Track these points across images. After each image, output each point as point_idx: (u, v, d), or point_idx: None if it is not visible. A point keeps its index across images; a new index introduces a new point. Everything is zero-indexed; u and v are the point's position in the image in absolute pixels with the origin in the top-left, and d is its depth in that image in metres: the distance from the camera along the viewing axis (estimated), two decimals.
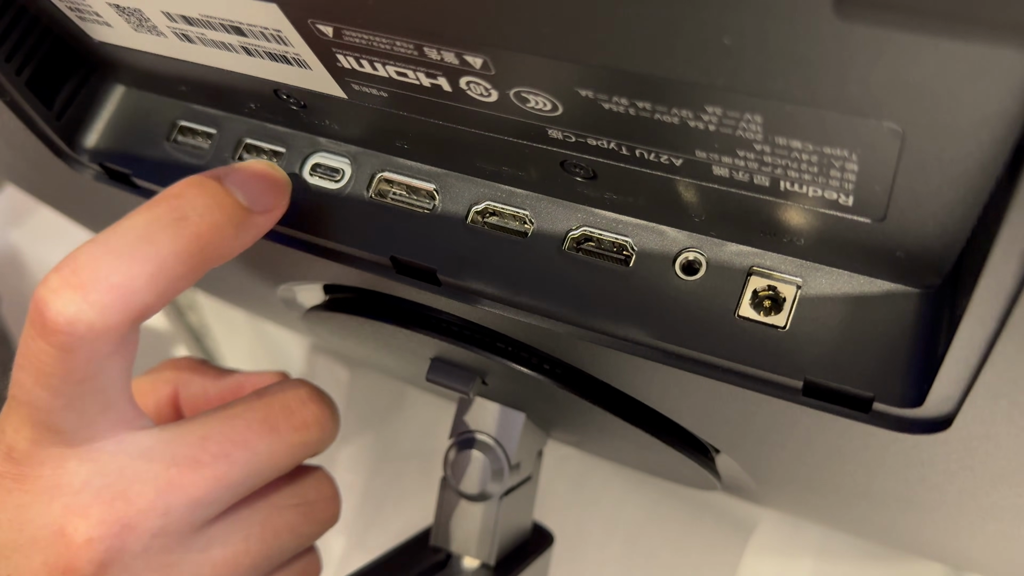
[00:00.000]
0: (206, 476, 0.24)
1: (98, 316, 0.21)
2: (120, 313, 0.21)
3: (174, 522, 0.23)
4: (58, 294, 0.21)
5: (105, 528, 0.23)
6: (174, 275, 0.22)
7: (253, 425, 0.25)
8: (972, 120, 0.14)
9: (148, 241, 0.21)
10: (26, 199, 0.62)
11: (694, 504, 0.46)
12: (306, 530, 0.27)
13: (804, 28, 0.13)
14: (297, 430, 0.26)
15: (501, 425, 0.32)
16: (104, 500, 0.23)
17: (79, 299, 0.21)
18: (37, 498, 0.23)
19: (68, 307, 0.21)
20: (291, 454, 0.26)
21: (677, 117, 0.17)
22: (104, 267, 0.21)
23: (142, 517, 0.23)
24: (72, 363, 0.21)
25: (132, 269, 0.21)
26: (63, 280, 0.21)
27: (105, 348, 0.21)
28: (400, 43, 0.18)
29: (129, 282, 0.21)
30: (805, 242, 0.20)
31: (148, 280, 0.21)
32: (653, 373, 0.23)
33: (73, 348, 0.21)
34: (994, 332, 0.16)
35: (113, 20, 0.23)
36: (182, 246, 0.22)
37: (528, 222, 0.23)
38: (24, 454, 0.23)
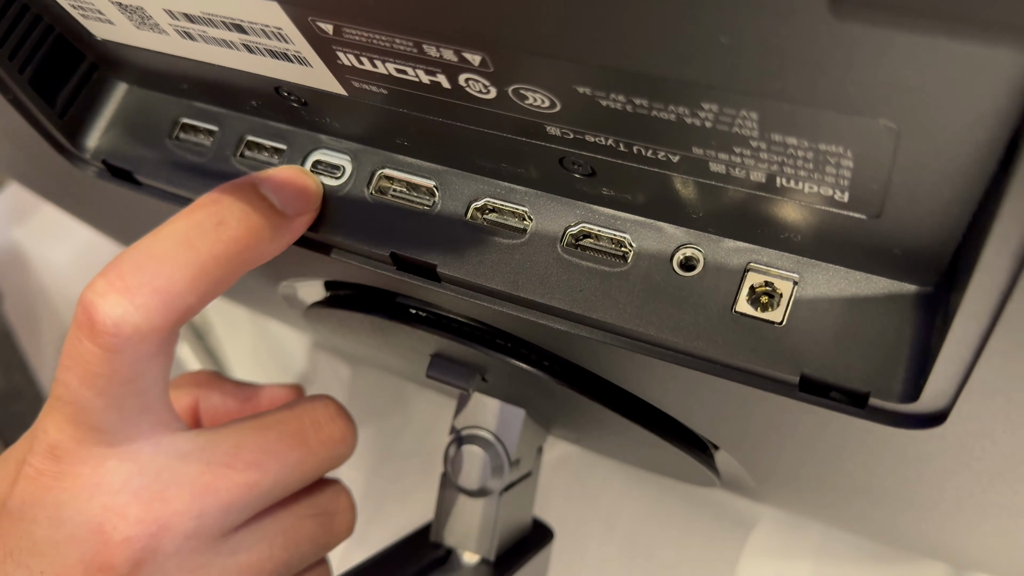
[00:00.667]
0: (239, 482, 0.24)
1: (144, 318, 0.22)
2: (163, 315, 0.22)
3: (207, 525, 0.24)
4: (105, 298, 0.22)
5: (142, 527, 0.23)
6: (214, 278, 0.23)
7: (284, 437, 0.26)
8: (966, 118, 0.14)
9: (188, 246, 0.22)
10: (29, 196, 0.62)
11: (693, 501, 0.46)
12: (324, 540, 0.28)
13: (800, 27, 0.13)
14: (325, 444, 0.27)
15: (501, 421, 0.32)
16: (142, 500, 0.23)
17: (125, 302, 0.22)
18: (76, 496, 0.23)
19: (115, 310, 0.21)
20: (317, 466, 0.27)
21: (674, 114, 0.17)
22: (148, 271, 0.22)
23: (177, 518, 0.23)
24: (118, 364, 0.22)
25: (174, 273, 0.22)
26: (109, 284, 0.22)
27: (149, 349, 0.22)
28: (400, 41, 0.18)
29: (171, 286, 0.22)
30: (802, 238, 0.20)
31: (189, 283, 0.22)
32: (651, 369, 0.23)
33: (120, 349, 0.22)
34: (988, 328, 0.16)
35: (115, 18, 0.23)
36: (221, 250, 0.23)
37: (527, 219, 0.23)
38: (66, 452, 0.23)
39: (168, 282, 0.22)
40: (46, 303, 0.64)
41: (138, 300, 0.22)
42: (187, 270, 0.22)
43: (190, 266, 0.22)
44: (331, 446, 0.27)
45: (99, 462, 0.23)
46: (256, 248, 0.23)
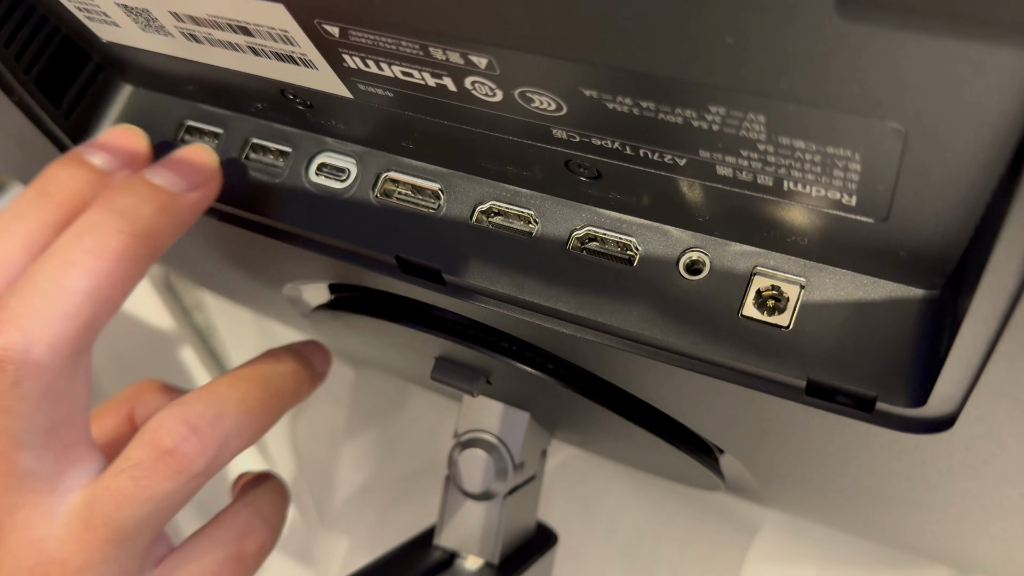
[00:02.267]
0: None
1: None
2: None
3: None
4: None
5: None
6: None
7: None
8: (974, 120, 0.14)
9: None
10: None
11: (698, 504, 0.46)
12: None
13: (807, 28, 0.13)
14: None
15: (505, 424, 0.32)
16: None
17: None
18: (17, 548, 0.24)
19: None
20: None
21: (681, 117, 0.17)
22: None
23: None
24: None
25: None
26: None
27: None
28: (405, 43, 0.18)
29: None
30: (809, 242, 0.20)
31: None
32: (657, 373, 0.23)
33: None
34: (996, 332, 0.16)
35: (121, 20, 0.23)
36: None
37: (533, 222, 0.23)
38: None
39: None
40: None
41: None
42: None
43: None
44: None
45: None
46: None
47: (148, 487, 0.23)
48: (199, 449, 0.23)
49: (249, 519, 0.27)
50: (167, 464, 0.23)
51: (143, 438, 0.23)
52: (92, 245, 0.22)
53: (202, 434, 0.23)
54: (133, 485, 0.23)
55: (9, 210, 0.24)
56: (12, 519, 0.23)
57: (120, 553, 0.23)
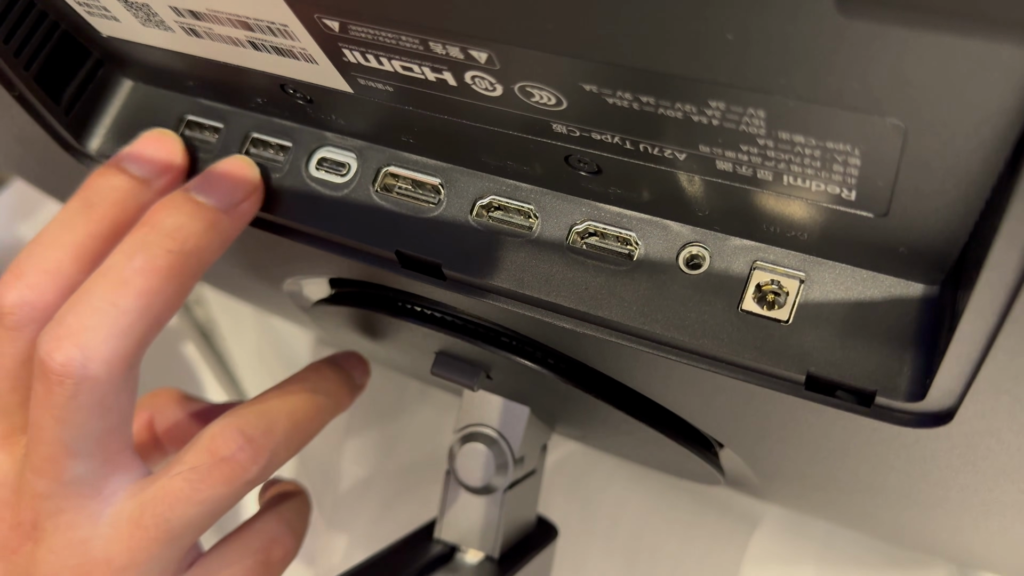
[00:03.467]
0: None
1: (39, 297, 0.24)
2: (54, 292, 0.24)
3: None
4: (2, 285, 0.25)
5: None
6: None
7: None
8: (974, 116, 0.14)
9: (67, 229, 0.25)
10: (34, 193, 0.62)
11: (698, 499, 0.46)
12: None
13: (807, 24, 0.13)
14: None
15: (505, 419, 0.32)
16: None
17: (19, 285, 0.25)
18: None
19: (11, 294, 0.25)
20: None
21: (681, 112, 0.17)
22: (35, 257, 0.25)
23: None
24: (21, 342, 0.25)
25: (57, 254, 0.25)
26: (9, 276, 0.25)
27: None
28: (405, 38, 0.18)
29: (57, 266, 0.24)
30: (808, 237, 0.20)
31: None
32: (657, 367, 0.23)
33: (21, 327, 0.25)
34: (995, 327, 0.16)
35: (121, 15, 0.23)
36: (94, 228, 0.25)
37: (533, 216, 0.23)
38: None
39: (54, 262, 0.25)
40: None
41: (29, 280, 0.24)
42: (67, 249, 0.25)
43: (70, 245, 0.25)
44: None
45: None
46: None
47: (202, 490, 0.24)
48: (252, 458, 0.24)
49: (276, 528, 0.28)
50: (222, 470, 0.24)
51: (201, 444, 0.25)
52: (143, 265, 0.23)
53: (256, 444, 0.25)
54: (188, 487, 0.24)
55: (56, 222, 0.25)
56: (56, 521, 0.24)
57: (165, 553, 0.24)
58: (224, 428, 0.25)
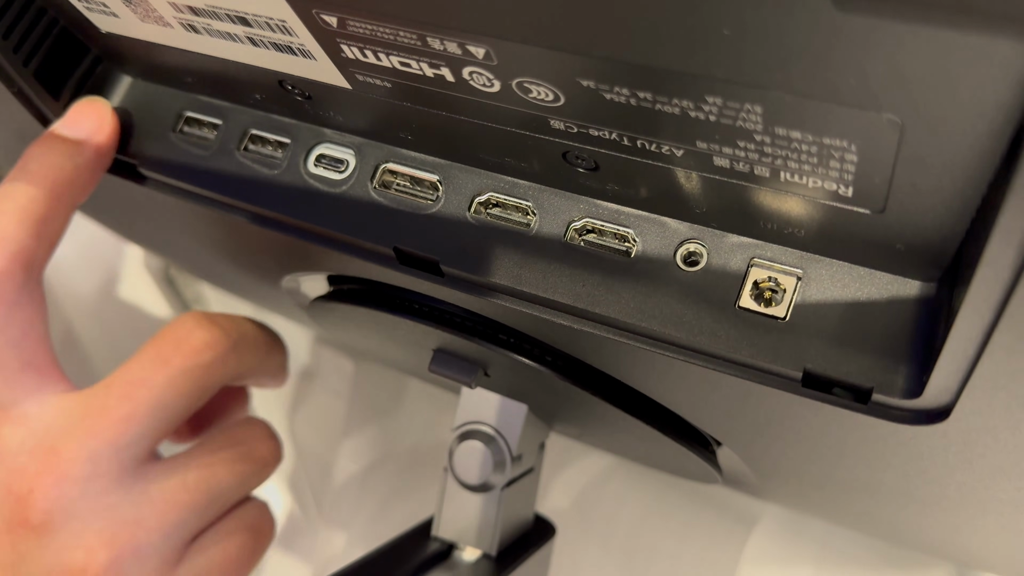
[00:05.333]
0: (116, 417, 0.26)
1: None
2: (4, 257, 0.25)
3: (103, 465, 0.26)
4: None
5: (42, 479, 0.25)
6: (36, 215, 0.26)
7: (146, 363, 0.28)
8: (970, 112, 0.14)
9: (6, 198, 0.26)
10: None
11: (695, 497, 0.46)
12: (245, 468, 0.29)
13: (803, 19, 0.13)
14: (188, 356, 0.28)
15: (503, 417, 0.32)
16: (37, 456, 0.26)
17: None
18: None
19: None
20: (192, 380, 0.28)
21: (678, 107, 0.17)
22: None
23: (71, 465, 0.25)
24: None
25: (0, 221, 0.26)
26: None
27: (6, 295, 0.25)
28: (403, 33, 0.18)
29: (1, 231, 0.25)
30: (805, 233, 0.20)
31: (16, 224, 0.26)
32: (654, 364, 0.23)
33: None
34: (991, 323, 0.16)
35: (120, 10, 0.23)
36: (33, 190, 0.26)
37: (531, 213, 0.23)
38: None
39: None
40: (48, 297, 0.64)
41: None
42: (10, 215, 0.26)
43: (12, 212, 0.26)
44: (196, 356, 0.28)
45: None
46: (62, 176, 0.26)
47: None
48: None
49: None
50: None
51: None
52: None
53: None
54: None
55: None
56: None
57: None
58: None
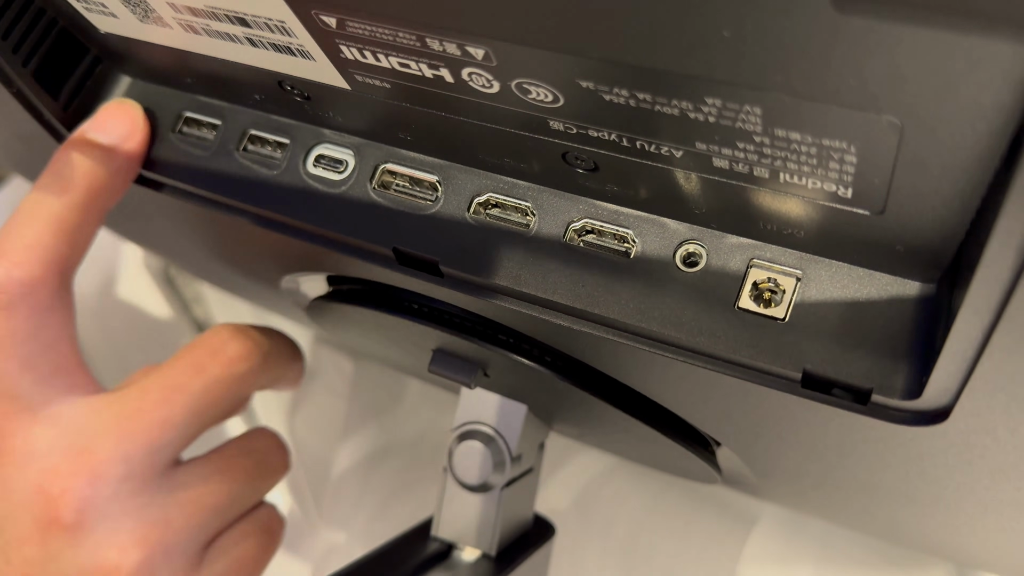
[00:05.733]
0: (152, 421, 0.26)
1: (24, 273, 0.25)
2: (40, 267, 0.25)
3: (136, 467, 0.26)
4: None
5: (76, 479, 0.25)
6: (72, 224, 0.26)
7: (184, 370, 0.28)
8: (969, 113, 0.14)
9: (42, 205, 0.26)
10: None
11: (695, 497, 0.46)
12: (260, 475, 0.30)
13: (802, 21, 0.13)
14: (224, 366, 0.29)
15: (503, 417, 0.32)
16: (70, 457, 0.25)
17: (5, 263, 0.25)
18: (15, 468, 0.26)
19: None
20: (226, 388, 0.28)
21: (677, 109, 0.17)
22: (14, 235, 0.26)
23: (106, 465, 0.25)
24: (15, 320, 0.25)
25: (36, 229, 0.26)
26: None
27: (42, 301, 0.26)
28: (403, 34, 0.18)
29: (38, 239, 0.26)
30: (805, 234, 0.20)
31: (53, 234, 0.26)
32: (653, 365, 0.23)
33: (12, 305, 0.25)
34: (991, 324, 0.16)
35: (119, 11, 0.23)
36: (69, 199, 0.26)
37: (530, 214, 0.23)
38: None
39: (34, 237, 0.25)
40: None
41: (13, 258, 0.25)
42: (46, 223, 0.26)
43: (49, 220, 0.26)
44: (231, 366, 0.29)
45: (27, 431, 0.26)
46: (97, 184, 0.26)
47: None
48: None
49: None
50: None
51: None
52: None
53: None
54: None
55: (31, 198, 0.26)
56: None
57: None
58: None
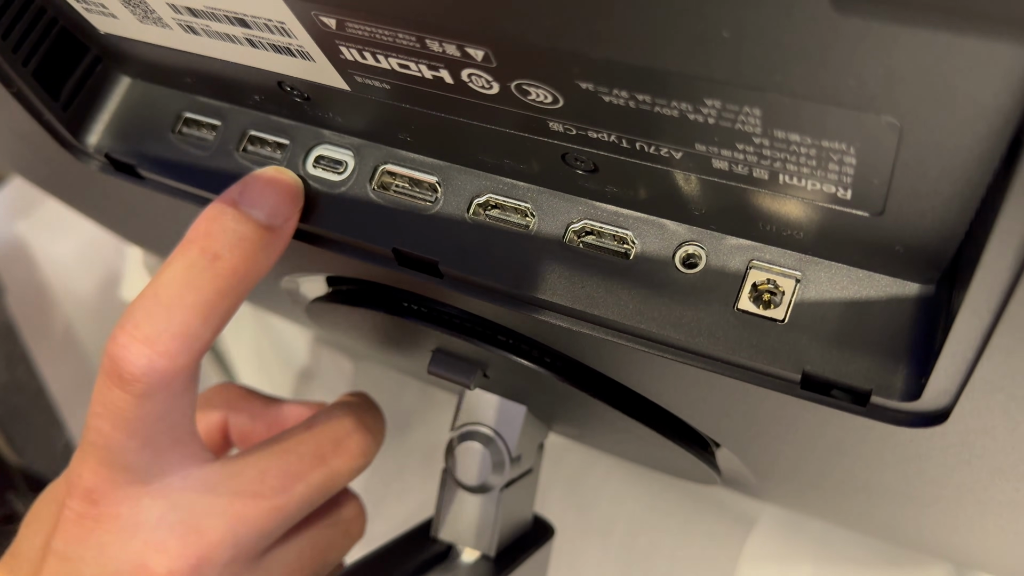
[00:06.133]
0: (268, 508, 0.26)
1: (170, 363, 0.23)
2: (186, 356, 0.23)
3: (243, 552, 0.25)
4: (129, 349, 0.23)
5: (183, 561, 0.24)
6: (221, 310, 0.24)
7: (306, 458, 0.27)
8: (969, 114, 0.14)
9: (191, 287, 0.23)
10: (32, 190, 0.62)
11: (694, 497, 0.46)
12: (343, 546, 0.30)
13: (802, 22, 0.13)
14: (345, 460, 0.28)
15: (502, 418, 0.32)
16: (179, 535, 0.25)
17: (149, 351, 0.23)
18: (118, 536, 0.24)
19: (140, 360, 0.23)
20: (341, 482, 0.28)
21: (677, 110, 0.17)
22: (162, 319, 0.23)
23: (215, 549, 0.25)
24: (149, 407, 0.24)
25: (186, 316, 0.23)
26: (130, 336, 0.23)
27: (177, 388, 0.24)
28: (402, 35, 0.18)
29: (186, 328, 0.23)
30: (804, 236, 0.20)
31: (202, 322, 0.23)
32: (653, 366, 0.23)
33: (150, 394, 0.23)
34: (990, 326, 0.16)
35: (119, 12, 0.23)
36: (222, 284, 0.24)
37: (530, 215, 0.23)
38: (103, 495, 0.25)
39: (182, 326, 0.23)
40: (49, 297, 0.64)
41: (159, 347, 0.23)
42: (196, 310, 0.23)
43: (198, 306, 0.23)
44: (351, 460, 0.28)
45: (135, 501, 0.25)
46: (252, 269, 0.24)
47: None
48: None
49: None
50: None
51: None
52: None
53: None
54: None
55: (177, 275, 0.23)
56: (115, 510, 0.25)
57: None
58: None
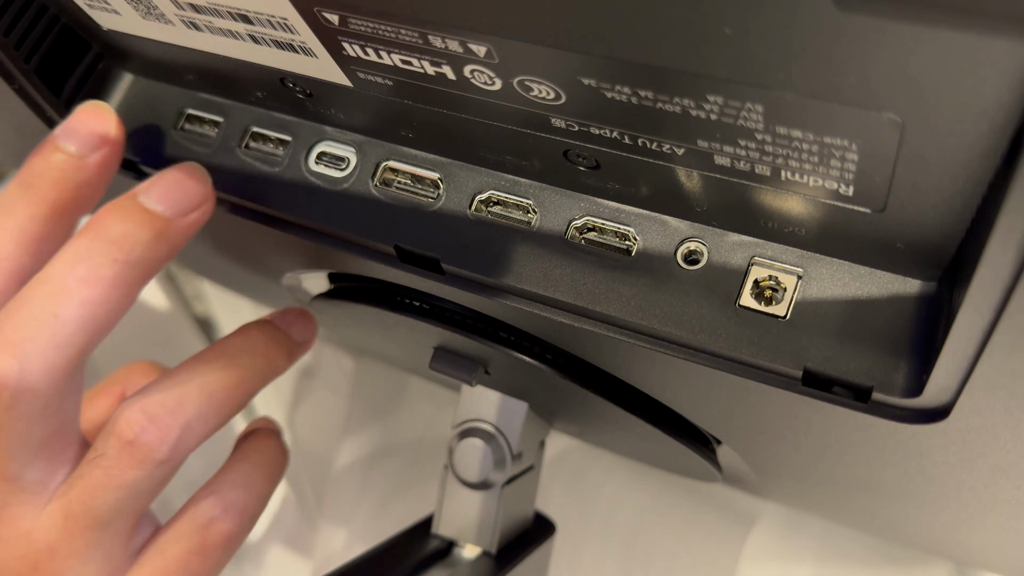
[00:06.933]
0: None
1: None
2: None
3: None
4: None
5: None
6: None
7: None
8: (971, 111, 0.14)
9: (7, 213, 0.24)
10: None
11: (696, 495, 0.46)
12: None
13: (804, 19, 0.13)
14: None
15: (503, 414, 0.32)
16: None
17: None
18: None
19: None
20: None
21: (679, 106, 0.17)
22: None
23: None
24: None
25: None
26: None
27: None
28: (405, 31, 0.18)
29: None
30: (806, 232, 0.20)
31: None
32: (654, 362, 0.23)
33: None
34: (991, 323, 0.16)
35: (121, 8, 0.23)
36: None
37: (532, 211, 0.23)
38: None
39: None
40: None
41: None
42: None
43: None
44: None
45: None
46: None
47: (116, 476, 0.24)
48: (159, 438, 0.24)
49: (218, 502, 0.26)
50: (130, 454, 0.24)
51: (109, 428, 0.24)
52: (85, 274, 0.23)
53: (161, 423, 0.24)
54: (103, 475, 0.24)
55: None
56: (2, 514, 0.24)
57: (101, 538, 0.24)
58: (127, 409, 0.24)
